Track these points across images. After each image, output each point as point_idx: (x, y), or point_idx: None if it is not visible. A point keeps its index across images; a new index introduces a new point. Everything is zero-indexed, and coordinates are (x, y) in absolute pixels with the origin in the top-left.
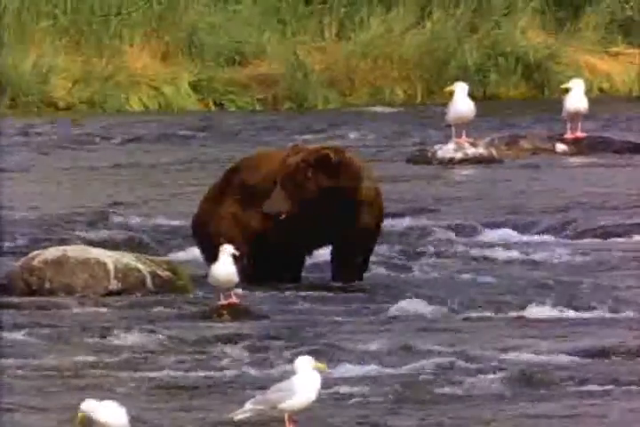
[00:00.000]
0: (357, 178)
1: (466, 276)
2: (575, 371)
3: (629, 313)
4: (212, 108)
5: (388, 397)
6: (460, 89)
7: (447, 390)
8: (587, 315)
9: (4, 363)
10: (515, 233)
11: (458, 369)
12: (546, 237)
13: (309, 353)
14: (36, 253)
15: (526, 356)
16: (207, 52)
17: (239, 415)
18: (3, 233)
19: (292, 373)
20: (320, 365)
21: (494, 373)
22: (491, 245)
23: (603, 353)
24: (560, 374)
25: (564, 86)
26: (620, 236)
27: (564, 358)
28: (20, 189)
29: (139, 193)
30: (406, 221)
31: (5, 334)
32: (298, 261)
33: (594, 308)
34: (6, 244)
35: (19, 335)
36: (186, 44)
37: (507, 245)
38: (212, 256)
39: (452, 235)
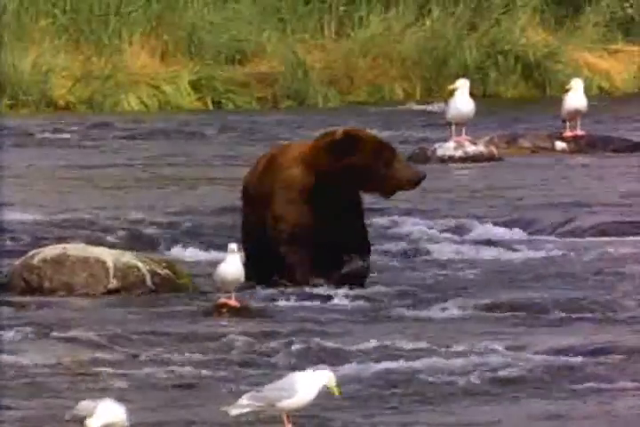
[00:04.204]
0: None
1: (467, 275)
2: (573, 370)
3: (627, 313)
4: (211, 106)
5: (388, 397)
6: (462, 86)
7: (448, 390)
8: (585, 314)
9: (3, 362)
10: (514, 231)
11: (460, 369)
12: (545, 236)
13: (309, 352)
14: (35, 251)
15: (525, 355)
16: (206, 50)
17: (235, 410)
18: (2, 232)
19: (292, 371)
20: (334, 387)
21: (495, 372)
22: (491, 244)
23: (599, 352)
24: (558, 373)
25: (567, 87)
26: (618, 234)
27: (560, 358)
28: (20, 188)
29: (138, 191)
30: (406, 220)
31: (4, 333)
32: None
33: (593, 307)
34: (6, 242)
35: (18, 334)
36: (185, 43)
37: (507, 244)
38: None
39: (451, 234)
